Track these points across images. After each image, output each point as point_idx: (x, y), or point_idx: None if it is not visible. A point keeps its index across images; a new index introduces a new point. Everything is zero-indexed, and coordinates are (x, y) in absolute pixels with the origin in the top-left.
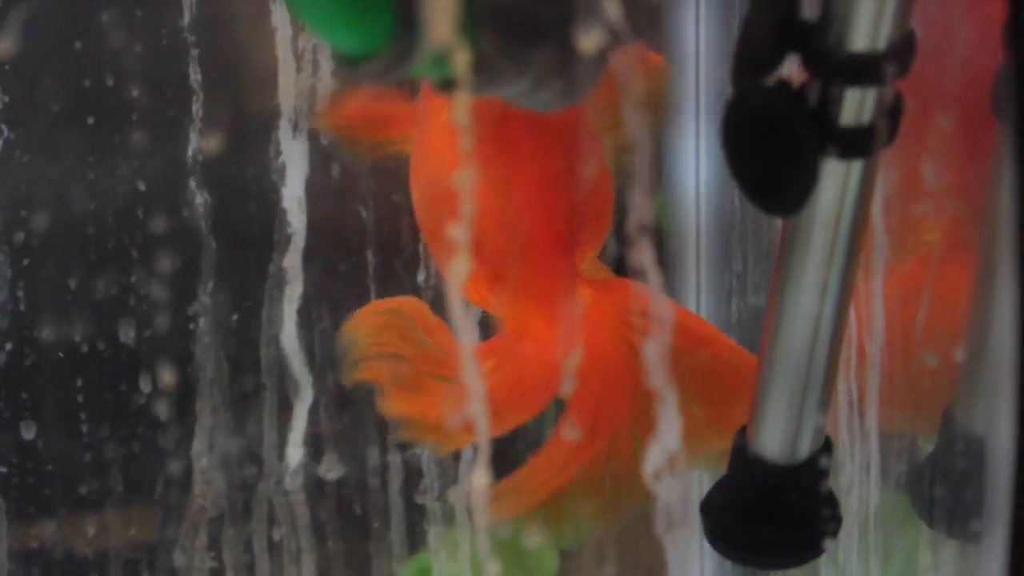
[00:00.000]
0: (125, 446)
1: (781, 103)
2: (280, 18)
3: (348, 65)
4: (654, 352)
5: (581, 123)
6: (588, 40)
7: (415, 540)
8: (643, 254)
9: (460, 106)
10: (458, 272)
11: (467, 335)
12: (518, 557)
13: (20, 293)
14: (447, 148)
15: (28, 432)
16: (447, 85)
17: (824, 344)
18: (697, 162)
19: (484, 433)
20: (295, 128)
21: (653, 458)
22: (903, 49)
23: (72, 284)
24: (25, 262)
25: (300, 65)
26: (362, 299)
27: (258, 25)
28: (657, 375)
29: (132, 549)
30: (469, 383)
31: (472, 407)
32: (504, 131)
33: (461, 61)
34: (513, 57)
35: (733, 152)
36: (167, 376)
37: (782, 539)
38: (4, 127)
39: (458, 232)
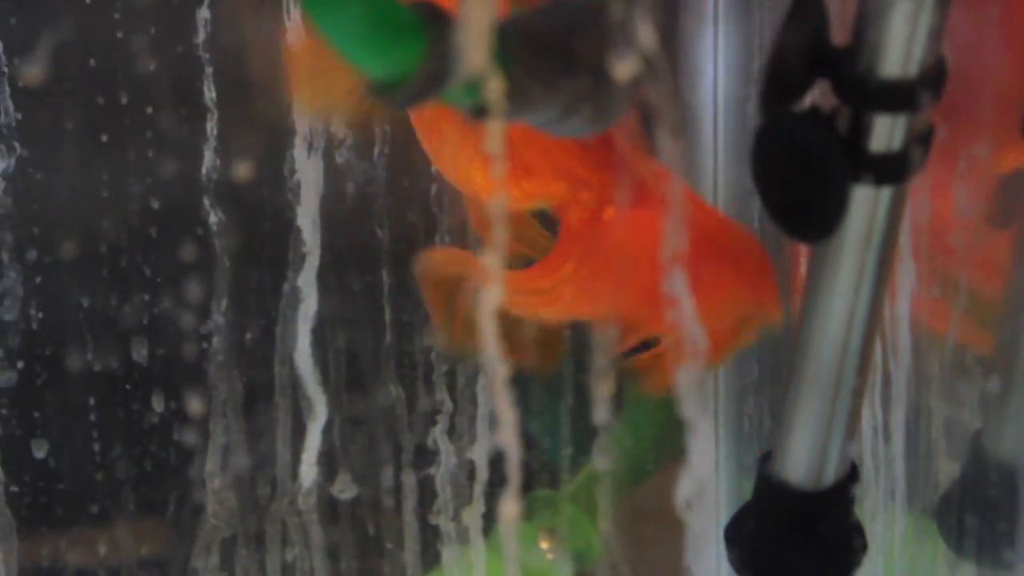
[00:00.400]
0: (137, 465)
1: (811, 130)
2: (296, 35)
3: (378, 91)
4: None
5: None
6: (620, 68)
7: (429, 560)
8: (676, 284)
9: (493, 133)
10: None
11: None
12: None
13: (32, 311)
14: None
15: (39, 450)
16: (478, 112)
17: (852, 369)
18: (715, 183)
19: (514, 462)
20: (310, 146)
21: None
22: (934, 75)
23: (84, 302)
24: (37, 280)
25: None
26: (377, 318)
27: (273, 42)
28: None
29: (144, 568)
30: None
31: None
32: None
33: (494, 89)
34: (543, 84)
35: (762, 179)
36: (179, 395)
37: (807, 566)
38: (16, 144)
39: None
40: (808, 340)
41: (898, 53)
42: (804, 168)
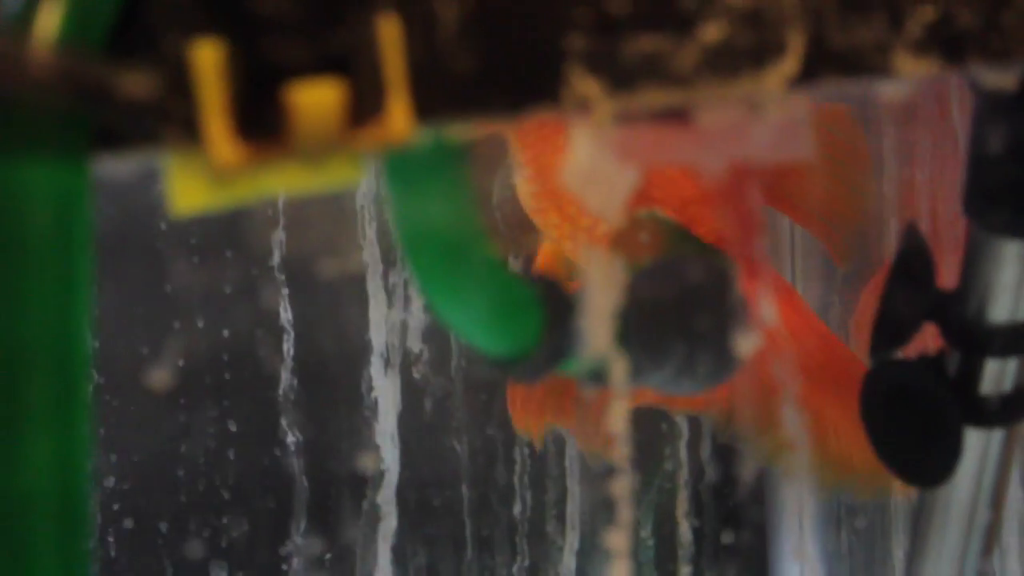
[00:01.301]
0: None
1: (921, 376)
2: (370, 253)
3: (497, 367)
4: None
5: None
6: (742, 343)
7: None
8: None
9: (617, 407)
10: None
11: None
12: None
13: (110, 539)
14: None
15: None
16: (596, 380)
17: None
18: None
19: None
20: (387, 364)
21: None
22: None
23: (163, 526)
24: (114, 507)
25: (391, 300)
26: (457, 534)
27: (349, 259)
28: None
29: None
30: None
31: None
32: None
33: (617, 369)
34: (662, 356)
35: (874, 426)
36: None
37: None
38: (94, 372)
39: None
40: None
41: (1007, 297)
42: (916, 414)
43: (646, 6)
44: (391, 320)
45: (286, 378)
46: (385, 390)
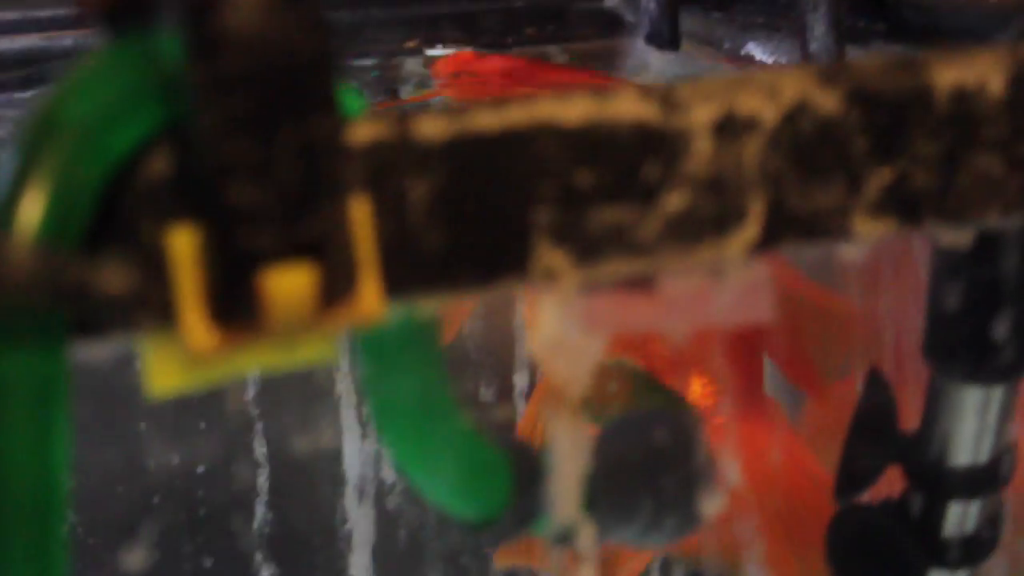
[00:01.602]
0: None
1: (885, 519)
2: (345, 386)
3: (468, 530)
4: None
5: None
6: (708, 505)
7: None
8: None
9: (586, 570)
10: None
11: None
12: None
13: None
14: None
15: None
16: (564, 541)
17: None
18: None
19: None
20: (361, 496)
21: None
22: (1006, 459)
23: None
24: None
25: (365, 432)
26: None
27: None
28: None
29: None
30: None
31: None
32: None
33: (584, 534)
34: (624, 513)
35: (839, 568)
36: None
37: None
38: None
39: None
40: None
41: (969, 442)
42: (880, 558)
43: (610, 178)
44: (365, 451)
45: (261, 512)
46: (359, 521)
